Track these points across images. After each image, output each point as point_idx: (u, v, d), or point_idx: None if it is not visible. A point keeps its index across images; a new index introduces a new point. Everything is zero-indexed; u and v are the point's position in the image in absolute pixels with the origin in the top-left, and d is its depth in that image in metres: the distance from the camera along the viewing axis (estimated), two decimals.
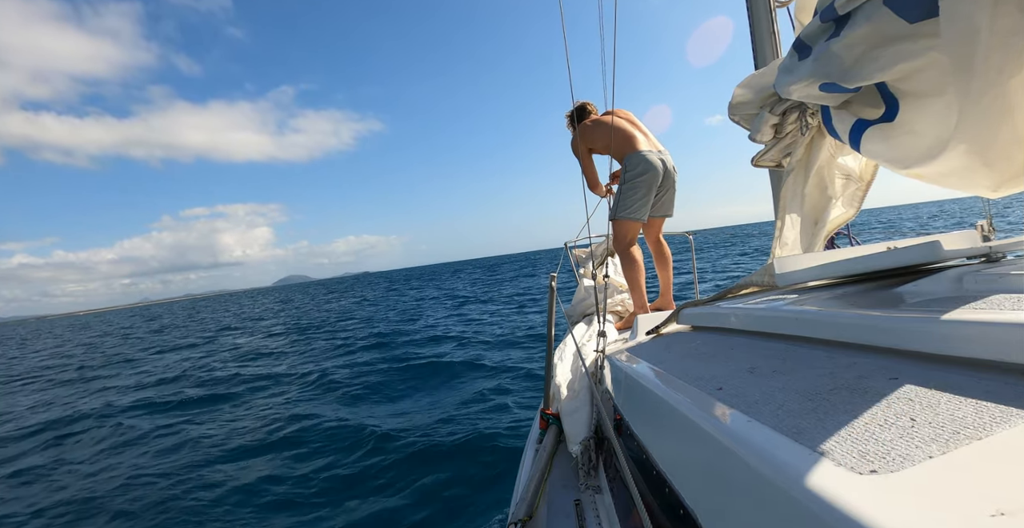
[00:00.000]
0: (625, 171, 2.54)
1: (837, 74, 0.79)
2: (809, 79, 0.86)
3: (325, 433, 4.84)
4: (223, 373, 8.99)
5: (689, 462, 0.71)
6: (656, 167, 2.52)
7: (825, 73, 0.81)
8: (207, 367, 10.06)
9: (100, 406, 7.37)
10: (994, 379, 0.53)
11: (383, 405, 5.73)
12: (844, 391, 0.60)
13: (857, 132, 0.89)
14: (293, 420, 5.40)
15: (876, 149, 0.87)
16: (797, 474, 0.45)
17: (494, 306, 14.93)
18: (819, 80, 0.84)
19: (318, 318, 18.86)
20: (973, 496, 0.36)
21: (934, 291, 0.82)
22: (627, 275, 2.61)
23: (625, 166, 2.54)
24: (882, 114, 0.83)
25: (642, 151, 2.52)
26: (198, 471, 4.34)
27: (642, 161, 2.50)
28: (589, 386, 1.53)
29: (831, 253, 1.20)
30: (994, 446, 0.42)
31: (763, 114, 1.61)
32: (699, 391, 0.77)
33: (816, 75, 0.84)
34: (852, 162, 1.72)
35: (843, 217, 1.83)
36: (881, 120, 0.83)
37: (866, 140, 0.88)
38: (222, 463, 4.49)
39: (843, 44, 0.75)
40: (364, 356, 8.86)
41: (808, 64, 0.85)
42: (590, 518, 1.18)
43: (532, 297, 16.14)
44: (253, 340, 14.62)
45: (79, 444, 5.73)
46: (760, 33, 2.11)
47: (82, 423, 6.57)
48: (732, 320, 1.13)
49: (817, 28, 0.81)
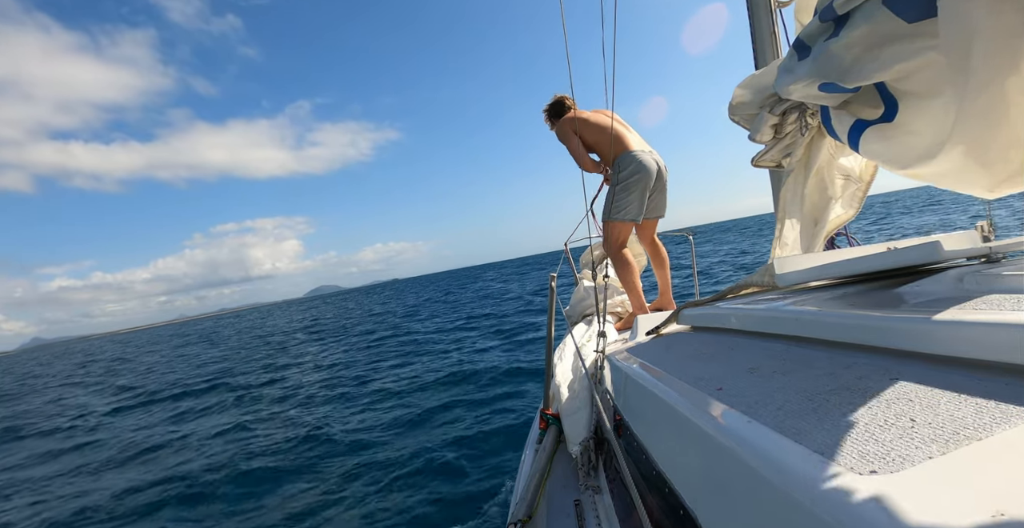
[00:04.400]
0: (617, 172, 2.50)
1: (836, 74, 0.79)
2: (808, 79, 0.86)
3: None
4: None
5: (689, 462, 0.71)
6: (649, 168, 2.49)
7: (824, 73, 0.81)
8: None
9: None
10: (994, 379, 0.53)
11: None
12: (844, 391, 0.60)
13: (856, 132, 0.89)
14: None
15: (875, 149, 0.87)
16: (797, 474, 0.45)
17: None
18: (818, 80, 0.84)
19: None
20: (973, 496, 0.36)
21: (934, 291, 0.82)
22: (621, 277, 2.60)
23: (618, 166, 2.50)
24: (881, 114, 0.82)
25: (634, 151, 2.49)
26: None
27: (634, 161, 2.47)
28: (589, 386, 1.53)
29: (831, 253, 1.20)
30: (994, 446, 0.41)
31: (763, 114, 1.61)
32: (699, 391, 0.77)
33: (815, 75, 0.84)
34: (852, 162, 1.72)
35: (843, 217, 1.83)
36: (880, 120, 0.83)
37: (865, 140, 0.88)
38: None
39: (842, 44, 0.75)
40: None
41: (808, 64, 0.85)
42: (590, 518, 1.17)
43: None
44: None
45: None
46: (760, 33, 2.11)
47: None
48: (732, 320, 1.13)
49: (817, 28, 0.81)
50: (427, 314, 19.14)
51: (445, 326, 13.79)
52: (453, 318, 15.52)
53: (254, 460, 4.73)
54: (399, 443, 4.55)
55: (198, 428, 6.60)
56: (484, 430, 4.45)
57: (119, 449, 6.21)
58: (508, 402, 5.26)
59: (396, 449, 4.39)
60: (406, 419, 5.28)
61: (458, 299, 25.48)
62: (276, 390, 8.39)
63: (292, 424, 5.88)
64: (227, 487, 4.22)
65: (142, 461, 5.55)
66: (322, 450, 4.72)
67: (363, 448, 4.58)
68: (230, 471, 4.52)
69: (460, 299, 25.13)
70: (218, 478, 4.40)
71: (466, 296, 26.69)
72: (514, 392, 5.61)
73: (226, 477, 4.41)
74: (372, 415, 5.73)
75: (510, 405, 5.12)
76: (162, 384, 11.70)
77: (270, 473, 4.35)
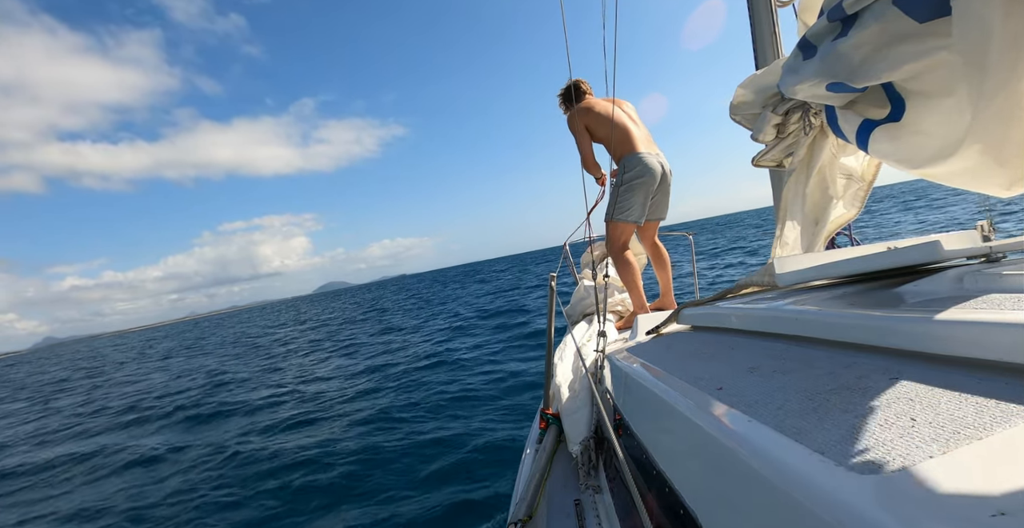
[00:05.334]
0: (623, 172, 2.51)
1: (845, 74, 0.79)
2: (815, 79, 0.86)
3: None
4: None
5: (689, 462, 0.71)
6: (654, 170, 2.50)
7: (832, 73, 0.81)
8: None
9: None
10: (994, 379, 0.53)
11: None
12: (844, 391, 0.60)
13: (864, 132, 0.89)
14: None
15: (884, 149, 0.87)
16: (797, 474, 0.45)
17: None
18: (826, 80, 0.84)
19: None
20: (973, 496, 0.36)
21: (934, 291, 0.81)
22: (623, 277, 2.60)
23: (623, 167, 2.51)
24: (887, 114, 0.82)
25: (641, 153, 2.50)
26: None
27: (640, 163, 2.48)
28: (589, 386, 1.53)
29: (831, 253, 1.20)
30: (994, 446, 0.41)
31: (766, 114, 1.61)
32: (699, 391, 0.77)
33: (823, 75, 0.83)
34: (854, 162, 1.72)
35: (844, 217, 1.83)
36: (887, 120, 0.83)
37: (874, 140, 0.87)
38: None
39: (851, 44, 0.75)
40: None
41: (814, 64, 0.84)
42: (590, 518, 1.18)
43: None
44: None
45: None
46: (761, 33, 2.10)
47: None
48: (732, 320, 1.13)
49: (824, 27, 0.80)
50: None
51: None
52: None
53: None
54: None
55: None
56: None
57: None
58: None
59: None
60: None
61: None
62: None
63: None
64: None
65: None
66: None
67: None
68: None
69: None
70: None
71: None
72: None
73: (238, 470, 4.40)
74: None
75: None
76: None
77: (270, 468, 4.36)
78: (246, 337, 24.24)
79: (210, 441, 5.64)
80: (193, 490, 4.24)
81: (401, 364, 8.23)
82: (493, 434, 4.24)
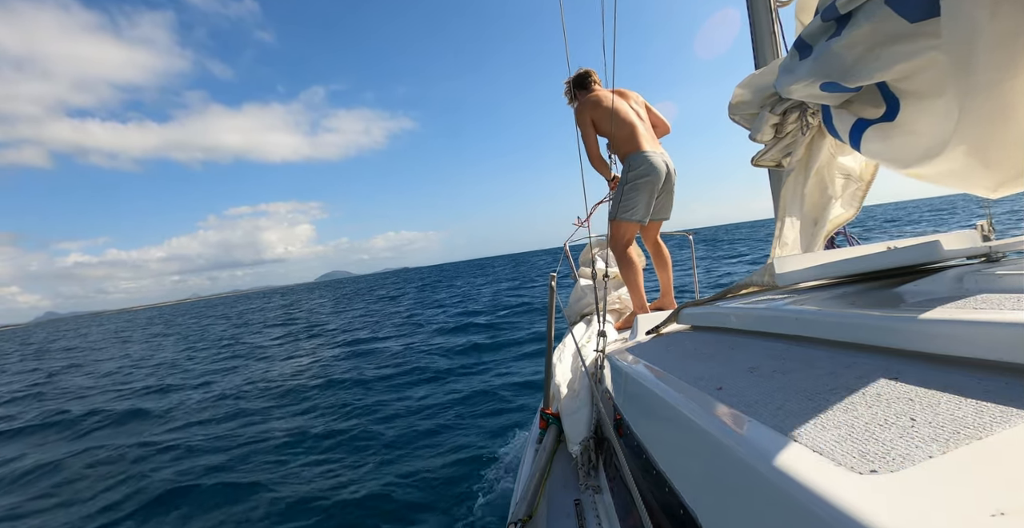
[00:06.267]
0: (627, 171, 2.50)
1: (838, 73, 0.79)
2: (810, 78, 0.86)
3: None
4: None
5: (689, 462, 0.71)
6: (659, 170, 2.49)
7: (826, 72, 0.81)
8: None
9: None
10: (994, 379, 0.53)
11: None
12: (844, 391, 0.60)
13: (857, 132, 0.89)
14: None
15: (876, 148, 0.87)
16: (797, 474, 0.45)
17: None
18: (820, 79, 0.84)
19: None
20: (973, 496, 0.36)
21: (934, 291, 0.81)
22: (625, 277, 2.60)
23: (628, 166, 2.51)
24: (882, 114, 0.82)
25: (646, 152, 2.49)
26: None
27: (645, 162, 2.47)
28: (589, 386, 1.53)
29: (831, 253, 1.20)
30: (994, 446, 0.41)
31: (764, 114, 1.61)
32: (699, 391, 0.77)
33: (817, 74, 0.84)
34: (852, 162, 1.72)
35: (843, 217, 1.83)
36: (881, 120, 0.83)
37: (866, 140, 0.88)
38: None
39: (844, 43, 0.75)
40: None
41: (809, 63, 0.85)
42: (590, 518, 1.17)
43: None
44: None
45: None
46: (760, 33, 2.10)
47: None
48: (732, 320, 1.13)
49: (818, 27, 0.81)
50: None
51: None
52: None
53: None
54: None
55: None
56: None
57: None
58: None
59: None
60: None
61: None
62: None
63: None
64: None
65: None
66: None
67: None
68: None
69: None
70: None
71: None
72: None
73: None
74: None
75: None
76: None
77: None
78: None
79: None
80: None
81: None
82: (493, 435, 4.25)
